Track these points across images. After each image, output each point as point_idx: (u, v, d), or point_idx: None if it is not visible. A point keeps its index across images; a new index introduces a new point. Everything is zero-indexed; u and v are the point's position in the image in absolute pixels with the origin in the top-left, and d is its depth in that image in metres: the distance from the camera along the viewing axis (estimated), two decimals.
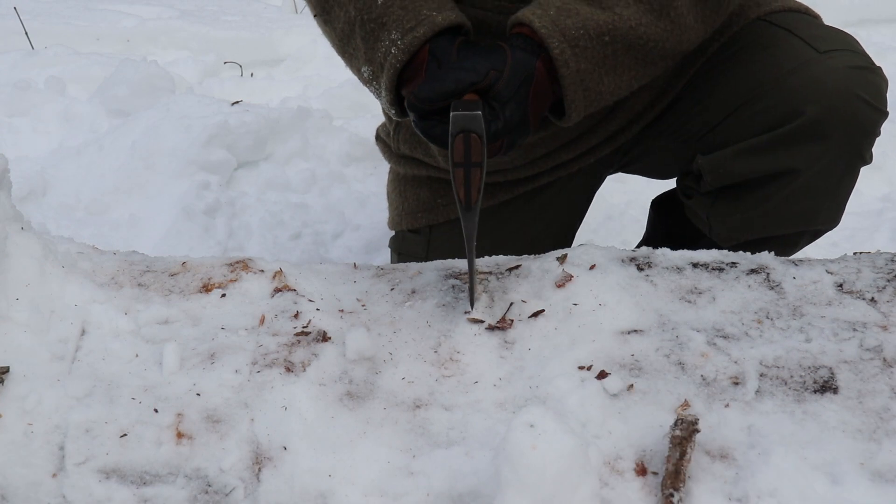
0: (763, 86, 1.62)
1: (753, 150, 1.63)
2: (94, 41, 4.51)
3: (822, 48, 1.60)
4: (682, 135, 1.76)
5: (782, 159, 1.61)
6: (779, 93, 1.60)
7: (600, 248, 1.38)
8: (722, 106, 1.68)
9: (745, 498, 1.01)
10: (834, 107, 1.55)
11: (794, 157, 1.60)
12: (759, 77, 1.63)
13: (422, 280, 1.36)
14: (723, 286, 1.30)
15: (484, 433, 1.09)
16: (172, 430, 1.08)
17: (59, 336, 1.17)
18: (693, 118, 1.73)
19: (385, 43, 1.37)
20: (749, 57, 1.66)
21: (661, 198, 2.10)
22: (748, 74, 1.65)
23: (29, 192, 2.59)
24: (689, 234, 1.88)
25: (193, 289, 1.30)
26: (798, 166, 1.60)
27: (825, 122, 1.56)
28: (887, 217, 2.75)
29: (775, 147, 1.61)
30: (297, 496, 1.02)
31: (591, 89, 1.36)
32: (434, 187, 1.85)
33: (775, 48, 1.64)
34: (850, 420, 1.11)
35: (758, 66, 1.64)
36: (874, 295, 1.28)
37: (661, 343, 1.21)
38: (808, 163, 1.60)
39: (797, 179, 1.62)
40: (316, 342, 1.20)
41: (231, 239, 2.53)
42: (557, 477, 0.91)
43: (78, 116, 3.09)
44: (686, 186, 1.81)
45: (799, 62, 1.59)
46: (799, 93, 1.57)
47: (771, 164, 1.62)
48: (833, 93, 1.55)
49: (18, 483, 1.01)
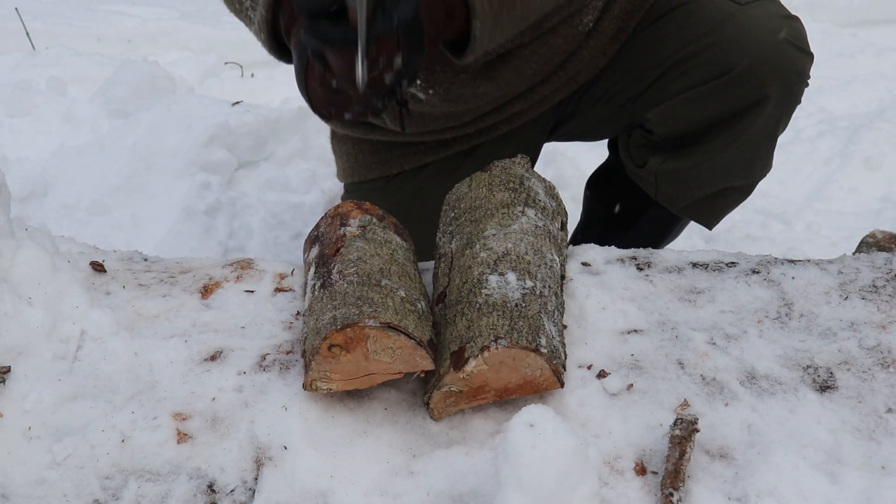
0: (691, 44, 1.67)
1: (696, 100, 1.68)
2: (95, 42, 4.51)
3: (742, 0, 1.64)
4: (617, 99, 1.80)
5: (725, 106, 1.66)
6: (709, 49, 1.65)
7: (599, 248, 1.38)
8: (653, 67, 1.72)
9: (745, 497, 1.01)
10: (766, 55, 1.61)
11: (736, 103, 1.66)
12: (686, 35, 1.68)
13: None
14: (722, 286, 1.31)
15: (484, 433, 1.09)
16: (173, 430, 1.08)
17: (61, 336, 1.17)
18: (626, 82, 1.77)
19: None
20: (674, 17, 1.70)
21: (595, 177, 2.11)
22: (675, 34, 1.69)
23: (30, 192, 2.60)
24: (632, 206, 1.92)
25: (194, 289, 1.31)
26: (741, 112, 1.66)
27: (759, 71, 1.62)
28: (886, 217, 2.76)
29: (715, 96, 1.66)
30: (297, 496, 1.02)
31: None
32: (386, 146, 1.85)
33: (698, 5, 1.68)
34: (850, 419, 1.11)
35: (683, 25, 1.69)
36: (873, 294, 1.28)
37: (660, 343, 1.21)
38: (749, 109, 1.66)
39: (740, 127, 1.69)
40: None
41: (232, 239, 2.54)
42: (557, 477, 0.91)
43: (79, 117, 3.09)
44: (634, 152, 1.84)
45: (722, 16, 1.64)
46: (729, 46, 1.63)
47: (715, 110, 1.68)
48: (762, 42, 1.61)
49: (19, 482, 1.02)
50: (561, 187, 2.88)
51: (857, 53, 4.39)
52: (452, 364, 1.07)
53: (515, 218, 1.23)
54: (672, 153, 1.77)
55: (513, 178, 1.29)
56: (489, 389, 1.10)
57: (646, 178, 1.83)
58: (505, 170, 1.31)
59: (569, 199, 2.80)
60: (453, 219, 1.29)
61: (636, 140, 1.83)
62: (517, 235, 1.20)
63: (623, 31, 1.74)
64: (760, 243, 2.61)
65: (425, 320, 1.12)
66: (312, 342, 1.07)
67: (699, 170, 1.77)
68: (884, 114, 3.42)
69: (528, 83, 1.74)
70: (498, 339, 1.06)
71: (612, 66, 1.78)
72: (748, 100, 1.66)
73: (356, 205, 1.30)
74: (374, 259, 1.17)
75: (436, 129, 1.79)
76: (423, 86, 1.65)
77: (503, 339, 1.06)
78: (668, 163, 1.78)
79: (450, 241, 1.26)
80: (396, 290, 1.12)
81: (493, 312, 1.09)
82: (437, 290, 1.20)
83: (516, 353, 1.06)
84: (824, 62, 3.87)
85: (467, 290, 1.14)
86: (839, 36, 4.67)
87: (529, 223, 1.23)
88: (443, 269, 1.22)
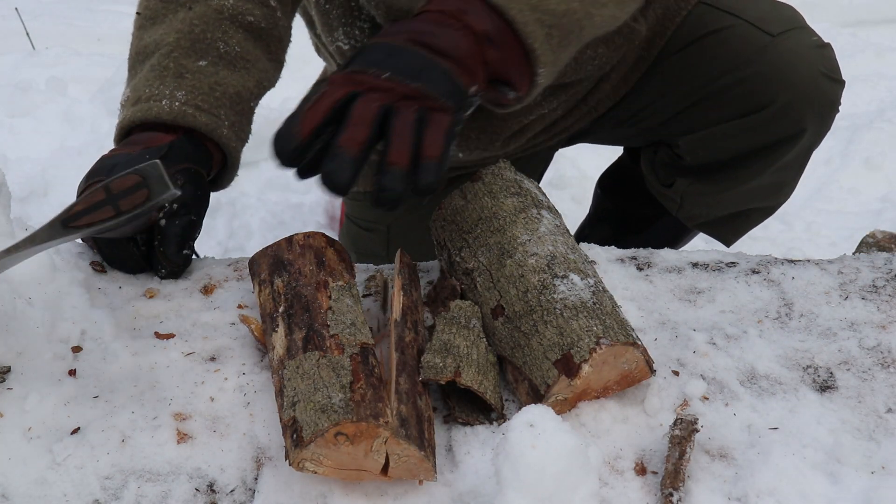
0: (725, 75, 1.65)
1: (731, 132, 1.67)
2: (95, 42, 4.51)
3: (774, 31, 1.62)
4: (643, 123, 1.79)
5: (760, 139, 1.65)
6: (744, 83, 1.63)
7: (599, 248, 1.38)
8: (684, 96, 1.70)
9: (745, 497, 1.01)
10: (803, 89, 1.60)
11: (772, 137, 1.65)
12: (718, 66, 1.66)
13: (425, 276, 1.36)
14: (722, 286, 1.31)
15: (485, 432, 1.09)
16: (173, 430, 1.08)
17: (61, 336, 1.17)
18: (653, 109, 1.76)
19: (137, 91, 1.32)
20: (704, 46, 1.68)
21: (608, 177, 2.10)
22: (707, 64, 1.67)
23: (30, 192, 2.60)
24: (645, 213, 1.91)
25: (194, 289, 1.31)
26: (775, 144, 1.65)
27: (797, 106, 1.61)
28: (886, 217, 2.76)
29: (751, 130, 1.65)
30: (297, 496, 1.02)
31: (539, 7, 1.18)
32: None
33: (728, 35, 1.66)
34: (850, 419, 1.11)
35: (715, 55, 1.66)
36: (873, 294, 1.28)
37: (660, 342, 1.21)
38: (785, 140, 1.65)
39: (773, 157, 1.68)
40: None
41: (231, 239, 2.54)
42: (557, 476, 0.91)
43: (79, 117, 3.09)
44: (660, 171, 1.82)
45: (756, 48, 1.62)
46: (765, 81, 1.61)
47: (749, 143, 1.67)
48: (799, 76, 1.60)
49: (19, 482, 1.02)
50: (561, 187, 2.88)
51: (857, 53, 4.38)
52: (563, 372, 1.06)
53: (538, 221, 1.22)
54: (700, 176, 1.75)
55: (511, 183, 1.28)
56: (590, 391, 1.10)
57: (670, 197, 1.82)
58: (497, 176, 1.28)
59: (569, 199, 2.80)
60: (465, 232, 1.24)
61: (662, 158, 1.80)
62: (550, 237, 1.19)
63: (644, 59, 1.71)
64: (760, 243, 2.61)
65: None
66: (316, 419, 0.98)
67: (726, 194, 1.75)
68: (884, 114, 3.42)
69: (550, 121, 1.73)
70: (599, 339, 1.06)
71: (637, 91, 1.75)
72: (784, 134, 1.64)
73: (327, 241, 1.22)
74: (366, 329, 1.10)
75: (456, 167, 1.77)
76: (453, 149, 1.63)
77: (604, 339, 1.06)
78: (696, 185, 1.76)
79: (473, 254, 1.21)
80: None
81: (579, 315, 1.09)
82: (488, 305, 1.17)
83: (618, 350, 1.06)
84: None
85: (534, 298, 1.12)
86: (839, 36, 4.66)
87: (550, 224, 1.22)
88: (483, 284, 1.18)
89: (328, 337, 1.07)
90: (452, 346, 1.11)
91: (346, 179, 1.04)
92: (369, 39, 1.19)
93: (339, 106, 1.07)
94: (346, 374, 1.02)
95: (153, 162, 1.03)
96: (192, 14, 1.38)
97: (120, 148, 1.30)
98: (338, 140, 1.04)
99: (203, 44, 1.36)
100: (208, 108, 1.32)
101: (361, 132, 1.04)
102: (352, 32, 1.65)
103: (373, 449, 0.98)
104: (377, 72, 1.09)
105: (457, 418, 1.10)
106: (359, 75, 1.09)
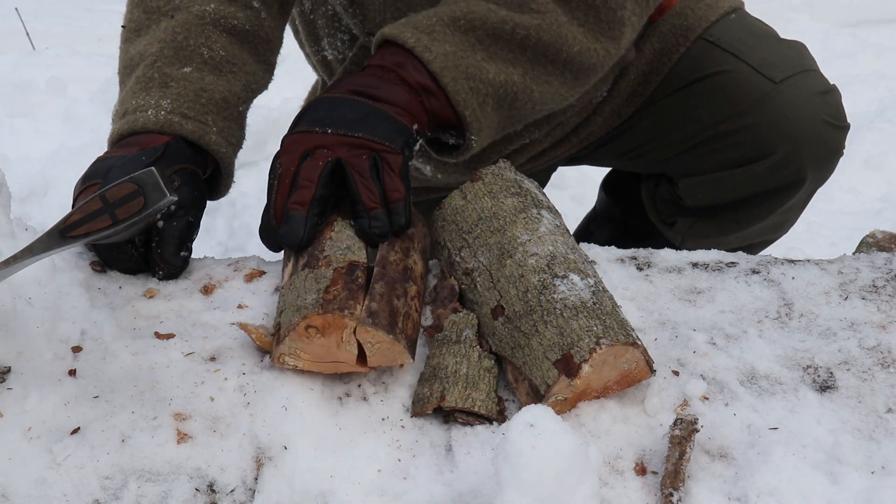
0: (726, 121, 1.61)
1: (731, 179, 1.64)
2: (95, 42, 4.51)
3: (777, 77, 1.58)
4: (642, 159, 1.77)
5: (760, 187, 1.63)
6: (745, 131, 1.59)
7: (599, 248, 1.38)
8: (683, 139, 1.67)
9: (745, 497, 1.01)
10: (805, 140, 1.57)
11: (772, 185, 1.62)
12: (720, 111, 1.61)
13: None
14: (722, 286, 1.31)
15: (485, 433, 1.09)
16: (173, 430, 1.08)
17: (61, 336, 1.17)
18: (651, 147, 1.73)
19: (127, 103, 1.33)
20: (705, 88, 1.63)
21: (612, 181, 2.10)
22: (707, 108, 1.63)
23: (30, 192, 2.60)
24: (647, 226, 1.90)
25: (194, 289, 1.31)
26: (776, 191, 1.63)
27: (799, 155, 1.58)
28: (886, 217, 2.76)
29: (751, 178, 1.62)
30: (297, 496, 1.02)
31: (475, 77, 1.28)
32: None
33: (728, 79, 1.61)
34: (850, 419, 1.11)
35: (716, 99, 1.62)
36: (873, 294, 1.28)
37: (660, 342, 1.21)
38: (786, 188, 1.63)
39: (774, 203, 1.65)
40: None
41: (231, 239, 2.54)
42: (557, 477, 0.91)
43: (79, 117, 3.09)
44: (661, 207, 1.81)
45: (759, 96, 1.58)
46: (767, 130, 1.57)
47: (749, 190, 1.64)
48: (800, 127, 1.56)
49: (19, 482, 1.02)
50: (561, 187, 2.88)
51: (857, 53, 4.39)
52: (563, 372, 1.06)
53: (538, 221, 1.22)
54: (701, 217, 1.74)
55: (511, 183, 1.27)
56: (590, 391, 1.10)
57: (671, 234, 1.81)
58: (497, 176, 1.29)
59: (569, 199, 2.80)
60: (465, 232, 1.25)
61: (663, 195, 1.79)
62: (550, 237, 1.19)
63: (639, 94, 1.69)
64: None
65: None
66: (291, 318, 1.09)
67: (729, 237, 1.74)
68: (884, 114, 3.42)
69: (536, 151, 1.73)
70: (600, 339, 1.06)
71: (632, 127, 1.73)
72: (785, 181, 1.62)
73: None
74: (362, 252, 1.18)
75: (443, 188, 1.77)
76: (431, 169, 1.64)
77: (605, 339, 1.06)
78: (697, 226, 1.75)
79: (473, 254, 1.22)
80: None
81: (579, 315, 1.09)
82: (488, 305, 1.17)
83: (618, 350, 1.07)
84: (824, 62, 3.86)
85: (534, 298, 1.12)
86: (839, 36, 4.66)
87: (551, 224, 1.22)
88: (483, 284, 1.19)
89: (321, 258, 1.16)
90: (440, 369, 1.13)
91: (298, 238, 1.18)
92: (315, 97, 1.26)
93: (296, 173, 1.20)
94: (325, 281, 1.11)
95: (149, 170, 1.03)
96: (175, 22, 1.38)
97: (115, 150, 1.30)
98: (288, 204, 1.18)
99: (186, 51, 1.36)
100: (194, 115, 1.32)
101: (307, 193, 1.18)
102: (335, 43, 1.66)
103: (343, 339, 1.08)
104: (321, 129, 1.21)
105: (457, 418, 1.10)
106: (306, 136, 1.22)
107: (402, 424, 1.10)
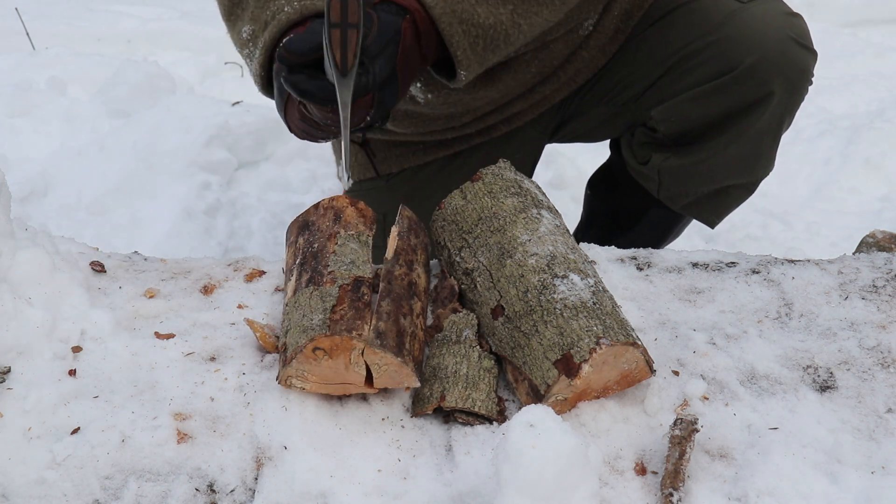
0: (694, 42, 1.68)
1: (700, 97, 1.68)
2: (95, 42, 4.51)
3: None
4: (620, 98, 1.81)
5: (729, 103, 1.67)
6: (712, 47, 1.65)
7: (599, 248, 1.38)
8: (656, 66, 1.73)
9: (745, 497, 1.01)
10: (770, 52, 1.62)
11: (740, 100, 1.66)
12: (688, 34, 1.68)
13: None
14: (722, 286, 1.31)
15: (484, 433, 1.09)
16: (173, 430, 1.08)
17: (61, 336, 1.17)
18: (628, 81, 1.78)
19: (280, 2, 1.39)
20: (676, 17, 1.71)
21: (596, 177, 2.12)
22: (677, 33, 1.70)
23: (30, 192, 2.60)
24: (633, 207, 1.92)
25: (194, 289, 1.31)
26: (745, 109, 1.66)
27: (763, 68, 1.62)
28: (886, 217, 2.76)
29: (719, 93, 1.66)
30: (297, 496, 1.02)
31: (468, 21, 1.36)
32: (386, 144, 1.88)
33: (700, 3, 1.69)
34: (850, 419, 1.11)
35: (685, 24, 1.70)
36: (873, 294, 1.28)
37: (660, 342, 1.21)
38: (754, 106, 1.67)
39: (744, 124, 1.69)
40: None
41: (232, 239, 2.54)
42: (557, 476, 0.91)
43: (79, 117, 3.09)
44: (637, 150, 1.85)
45: (725, 14, 1.65)
46: (732, 44, 1.63)
47: (718, 108, 1.68)
48: (766, 39, 1.62)
49: (19, 482, 1.02)
50: (561, 187, 2.88)
51: (857, 53, 4.39)
52: (563, 372, 1.06)
53: (538, 221, 1.22)
54: (675, 150, 1.78)
55: (511, 183, 1.28)
56: (590, 391, 1.10)
57: (648, 176, 1.84)
58: (497, 176, 1.29)
59: (569, 199, 2.80)
60: (465, 231, 1.25)
61: (639, 138, 1.83)
62: (550, 237, 1.19)
63: (622, 31, 1.75)
64: (760, 243, 2.61)
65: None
66: (297, 339, 1.08)
67: (702, 166, 1.77)
68: (884, 114, 3.42)
69: (528, 85, 1.75)
70: (600, 339, 1.06)
71: (614, 65, 1.78)
72: (752, 97, 1.66)
73: (351, 202, 1.29)
74: (367, 266, 1.17)
75: (436, 130, 1.79)
76: (421, 88, 1.66)
77: (605, 339, 1.06)
78: (672, 160, 1.79)
79: (473, 254, 1.22)
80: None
81: (579, 315, 1.09)
82: (488, 305, 1.17)
83: (618, 350, 1.07)
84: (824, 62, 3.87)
85: (534, 298, 1.12)
86: (839, 36, 4.67)
87: (550, 224, 1.23)
88: (483, 284, 1.19)
89: (326, 274, 1.15)
90: (440, 369, 1.13)
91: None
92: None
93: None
94: (331, 300, 1.10)
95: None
96: None
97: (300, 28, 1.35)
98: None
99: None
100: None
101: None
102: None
103: (352, 361, 1.06)
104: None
105: (457, 418, 1.10)
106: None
107: (402, 424, 1.10)
